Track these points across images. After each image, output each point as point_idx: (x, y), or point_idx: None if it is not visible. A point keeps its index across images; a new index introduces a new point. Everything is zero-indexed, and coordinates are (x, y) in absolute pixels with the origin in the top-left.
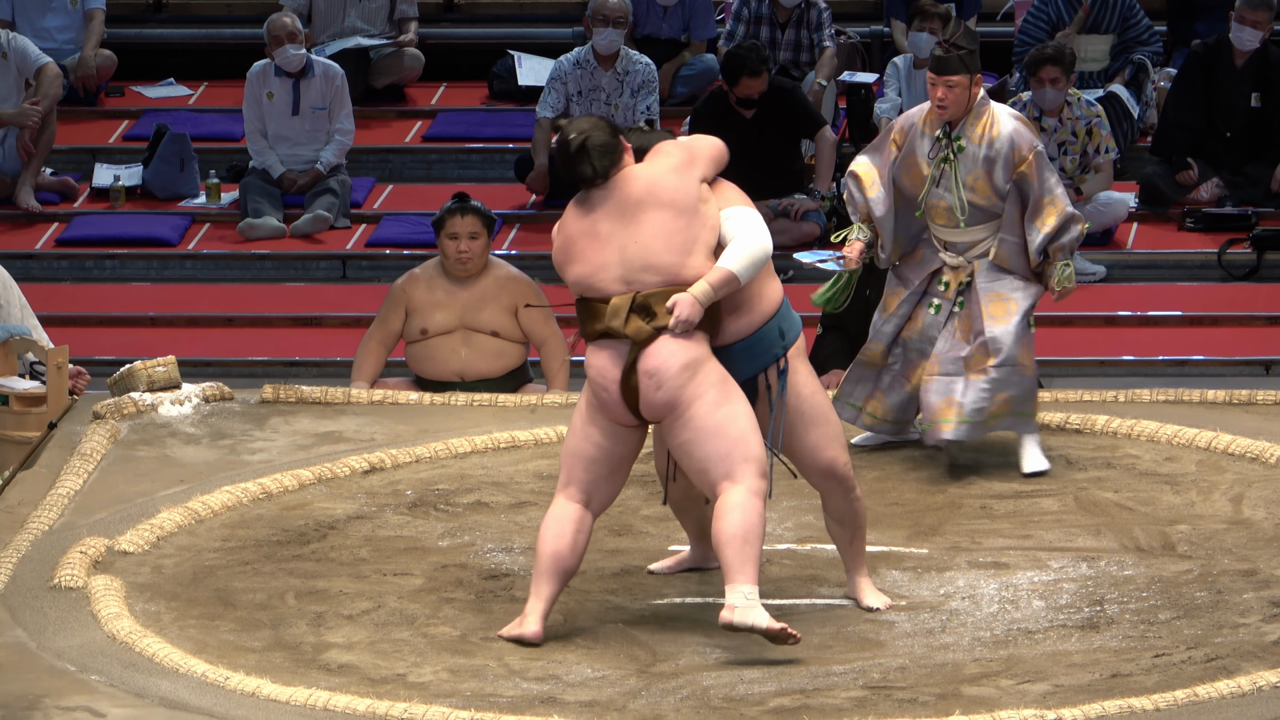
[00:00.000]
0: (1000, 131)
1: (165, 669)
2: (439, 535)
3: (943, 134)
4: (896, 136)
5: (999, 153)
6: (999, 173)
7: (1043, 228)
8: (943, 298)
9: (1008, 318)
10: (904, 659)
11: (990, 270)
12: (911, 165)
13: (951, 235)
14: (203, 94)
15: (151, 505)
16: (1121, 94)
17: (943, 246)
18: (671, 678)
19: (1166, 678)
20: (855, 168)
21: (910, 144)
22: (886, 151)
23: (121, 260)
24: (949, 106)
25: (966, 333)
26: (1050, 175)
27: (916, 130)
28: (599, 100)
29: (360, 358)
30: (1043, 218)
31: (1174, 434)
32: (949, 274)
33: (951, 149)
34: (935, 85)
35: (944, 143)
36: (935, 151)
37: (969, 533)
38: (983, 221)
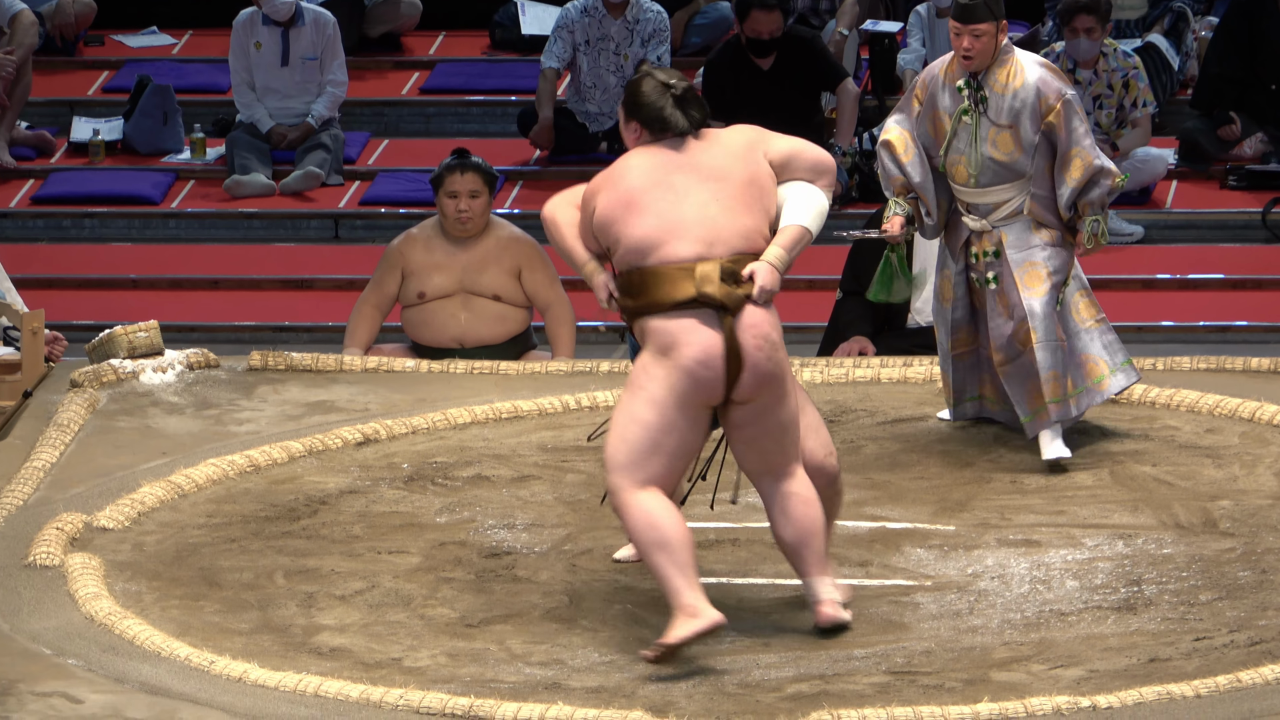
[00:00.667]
0: (1026, 80)
1: (146, 652)
2: (437, 511)
3: (965, 85)
4: (919, 91)
5: (1025, 102)
6: (1026, 124)
7: (1069, 181)
8: (978, 270)
9: (1041, 289)
10: (929, 642)
11: (1021, 234)
12: (935, 119)
13: (973, 196)
14: (187, 43)
15: (132, 479)
16: (1160, 44)
17: (965, 209)
18: (682, 663)
19: (1208, 662)
20: (887, 135)
21: (932, 97)
22: (913, 109)
23: (101, 219)
24: (975, 57)
25: (1006, 307)
26: (1079, 125)
27: (938, 82)
28: (607, 50)
29: (353, 323)
30: (1069, 170)
31: (1216, 404)
32: (975, 242)
33: (975, 101)
34: (960, 34)
35: (966, 94)
36: (957, 104)
37: (998, 508)
38: (1006, 180)
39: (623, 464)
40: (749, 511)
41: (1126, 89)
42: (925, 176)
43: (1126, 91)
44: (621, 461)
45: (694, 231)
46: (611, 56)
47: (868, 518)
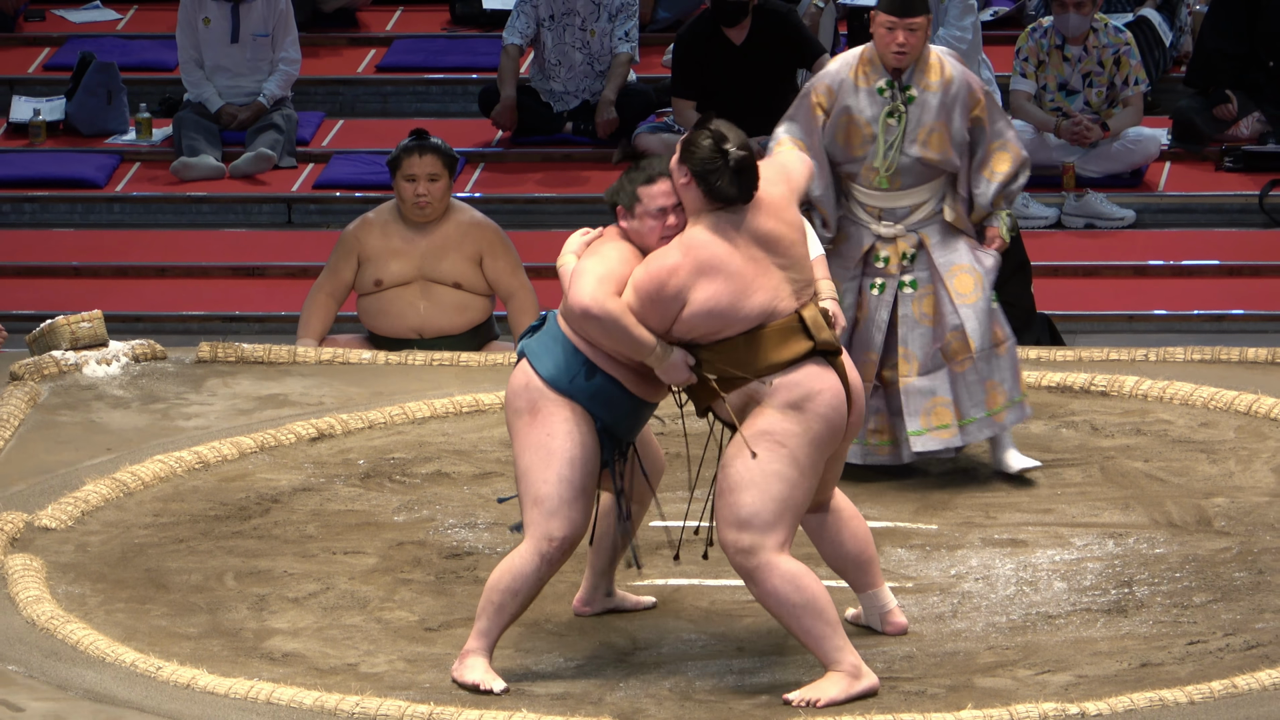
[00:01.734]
0: (953, 73)
1: (91, 658)
2: (394, 509)
3: (887, 86)
4: (821, 99)
5: (957, 96)
6: (957, 119)
7: (994, 176)
8: (885, 275)
9: (976, 293)
10: (911, 647)
11: (943, 238)
12: (848, 127)
13: (888, 200)
14: (132, 18)
15: (75, 476)
16: (1153, 18)
17: (877, 216)
18: (652, 668)
19: (1202, 667)
20: (784, 147)
21: (841, 103)
22: (812, 119)
23: (42, 204)
24: (909, 53)
25: (934, 317)
26: (1000, 118)
27: (847, 87)
28: (573, 25)
29: (307, 312)
30: (993, 165)
31: (1211, 397)
32: (886, 247)
33: (902, 101)
34: (895, 29)
35: (889, 96)
36: (879, 107)
37: (983, 506)
38: (928, 180)
39: (769, 523)
40: None
41: (1117, 66)
42: (826, 188)
43: (1117, 69)
44: (768, 520)
45: (786, 289)
46: (577, 32)
47: None
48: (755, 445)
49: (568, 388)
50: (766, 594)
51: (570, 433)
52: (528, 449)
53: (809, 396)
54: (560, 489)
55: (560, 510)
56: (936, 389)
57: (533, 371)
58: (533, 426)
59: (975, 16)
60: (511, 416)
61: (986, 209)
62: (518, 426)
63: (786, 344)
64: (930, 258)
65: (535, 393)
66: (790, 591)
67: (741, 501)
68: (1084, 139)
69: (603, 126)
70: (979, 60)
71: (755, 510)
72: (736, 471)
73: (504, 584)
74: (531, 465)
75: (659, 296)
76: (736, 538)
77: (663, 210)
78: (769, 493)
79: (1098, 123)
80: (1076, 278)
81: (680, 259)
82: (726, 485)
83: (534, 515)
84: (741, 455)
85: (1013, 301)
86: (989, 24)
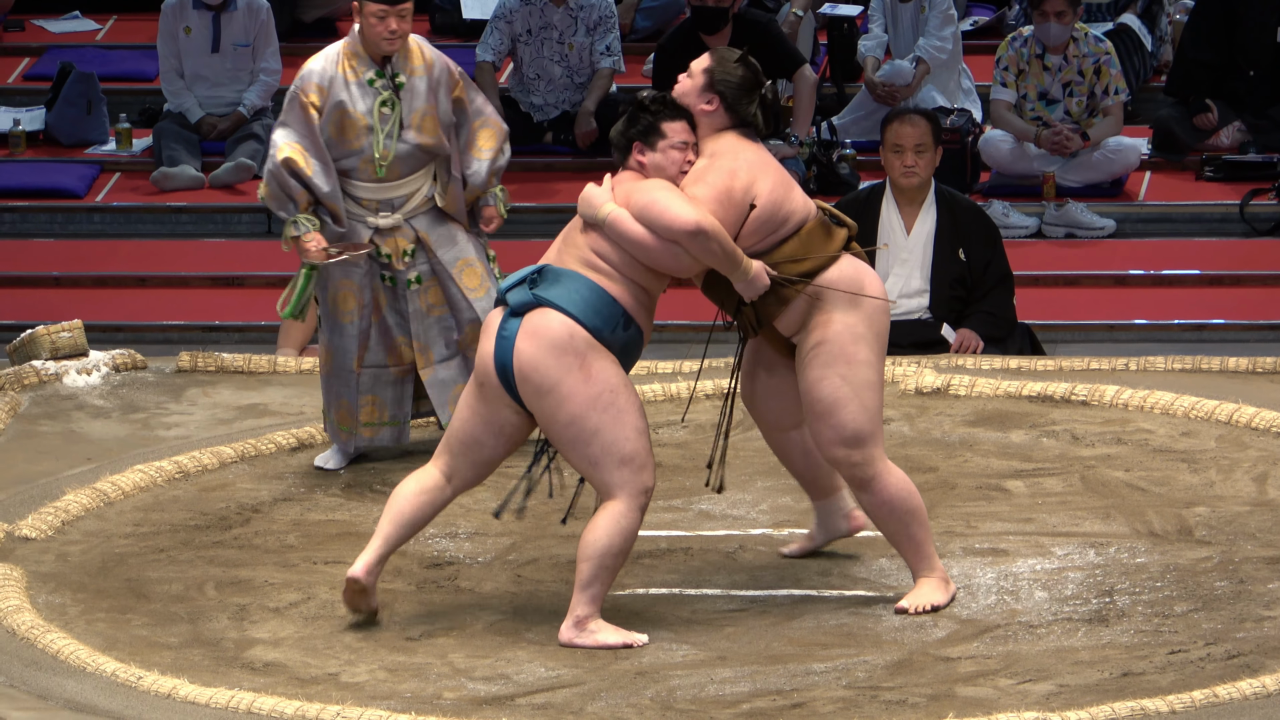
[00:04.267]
0: (432, 56)
1: (71, 667)
2: (375, 519)
3: (378, 75)
4: (313, 99)
5: (440, 79)
6: (443, 100)
7: (482, 154)
8: (391, 268)
9: (485, 284)
10: (892, 656)
11: (439, 226)
12: (342, 121)
13: (385, 191)
14: (112, 28)
15: (55, 486)
16: (1133, 24)
17: (375, 209)
18: (634, 677)
19: (1183, 676)
20: (287, 152)
21: (334, 99)
22: (307, 120)
23: (21, 214)
24: (400, 39)
25: (447, 307)
26: (479, 95)
27: (339, 83)
28: (550, 39)
29: (287, 322)
30: (479, 143)
31: (1191, 406)
32: (386, 242)
33: (394, 89)
34: (387, 17)
35: (380, 85)
36: (373, 98)
37: (964, 516)
38: (421, 167)
39: (872, 432)
40: (701, 520)
41: (1098, 75)
42: (334, 185)
43: (1098, 78)
44: (872, 430)
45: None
46: (555, 46)
47: None
48: (834, 362)
49: (609, 337)
50: (883, 502)
51: (627, 384)
52: (594, 409)
53: (862, 286)
54: (643, 442)
55: (648, 463)
56: (458, 378)
57: (574, 321)
58: (589, 383)
59: (955, 26)
60: (558, 370)
61: (481, 188)
62: (570, 382)
63: (830, 236)
64: (432, 254)
65: (583, 343)
66: (906, 497)
67: (844, 419)
68: (1064, 148)
69: (582, 137)
70: (959, 70)
71: (859, 424)
72: (828, 391)
73: (615, 546)
74: (604, 424)
75: (729, 200)
76: (848, 454)
77: (684, 144)
78: (865, 403)
79: (1078, 132)
80: (1057, 287)
81: (732, 162)
82: (822, 408)
83: (624, 474)
84: (826, 375)
85: (994, 311)
86: (969, 33)
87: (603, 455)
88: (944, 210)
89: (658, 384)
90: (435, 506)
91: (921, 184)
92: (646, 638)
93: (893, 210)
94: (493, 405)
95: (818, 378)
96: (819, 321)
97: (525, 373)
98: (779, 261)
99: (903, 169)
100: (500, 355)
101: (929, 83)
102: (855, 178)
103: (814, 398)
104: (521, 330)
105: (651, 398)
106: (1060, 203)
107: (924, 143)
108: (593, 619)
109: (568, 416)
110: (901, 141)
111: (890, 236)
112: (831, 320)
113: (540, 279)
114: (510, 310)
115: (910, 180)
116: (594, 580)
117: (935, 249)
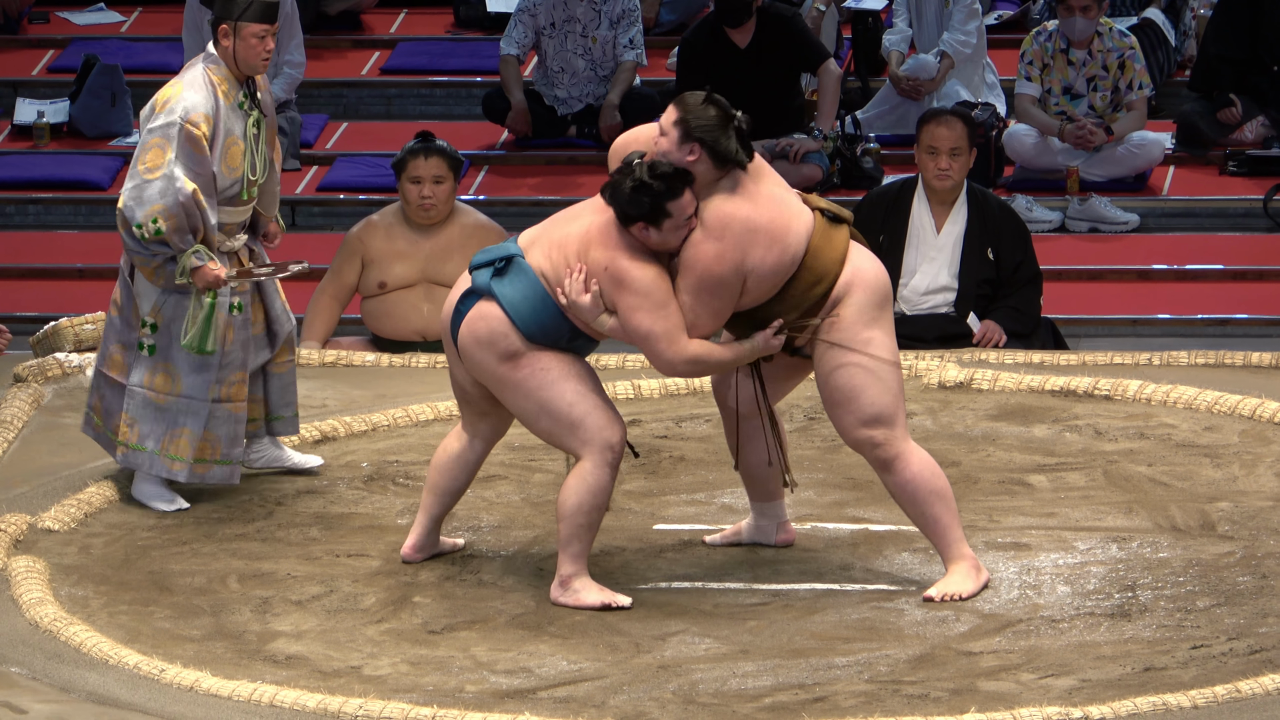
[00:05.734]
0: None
1: (94, 660)
2: (398, 512)
3: (245, 97)
4: (204, 130)
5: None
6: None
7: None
8: (239, 293)
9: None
10: (914, 650)
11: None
12: (230, 150)
13: (245, 214)
14: (136, 20)
15: (79, 478)
16: (1157, 19)
17: (233, 232)
18: (656, 671)
19: (1205, 671)
20: (190, 185)
21: (222, 127)
22: (200, 152)
23: (46, 205)
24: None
25: (270, 320)
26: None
27: (222, 109)
28: (574, 33)
29: (311, 314)
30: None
31: (1214, 401)
32: (234, 263)
33: (260, 109)
34: (265, 37)
35: (248, 105)
36: (245, 120)
37: (986, 510)
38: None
39: (894, 412)
40: (724, 514)
41: (1122, 70)
42: (217, 218)
43: (1122, 73)
44: (893, 410)
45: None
46: (578, 39)
47: (849, 520)
48: (850, 350)
49: (549, 345)
50: (906, 481)
51: (559, 357)
52: (527, 394)
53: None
54: (591, 402)
55: (604, 420)
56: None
57: (509, 322)
58: (517, 369)
59: (979, 21)
60: (488, 362)
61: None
62: (500, 371)
63: (831, 242)
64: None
65: (516, 344)
66: (930, 478)
67: (864, 402)
68: (1088, 143)
69: (607, 131)
70: (983, 64)
71: (880, 405)
72: (846, 379)
73: (586, 504)
74: (543, 402)
75: (719, 288)
76: (870, 434)
77: (690, 218)
78: (885, 384)
79: (1102, 127)
80: (1080, 282)
81: (718, 244)
82: (841, 395)
83: (582, 435)
84: (844, 363)
85: (1021, 308)
86: (993, 28)
87: (554, 427)
88: (975, 210)
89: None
90: (469, 467)
91: (954, 185)
92: (630, 600)
93: (924, 208)
94: (455, 364)
95: (835, 367)
96: (834, 322)
97: (464, 352)
98: (795, 293)
99: (936, 171)
100: (453, 327)
101: (953, 77)
102: (879, 172)
103: (833, 387)
104: (469, 314)
105: (675, 391)
106: (1084, 197)
107: (959, 146)
108: (576, 577)
109: (509, 399)
110: (936, 144)
111: (920, 234)
112: (842, 311)
113: (506, 269)
114: (469, 288)
115: (944, 183)
116: (571, 539)
117: (965, 248)
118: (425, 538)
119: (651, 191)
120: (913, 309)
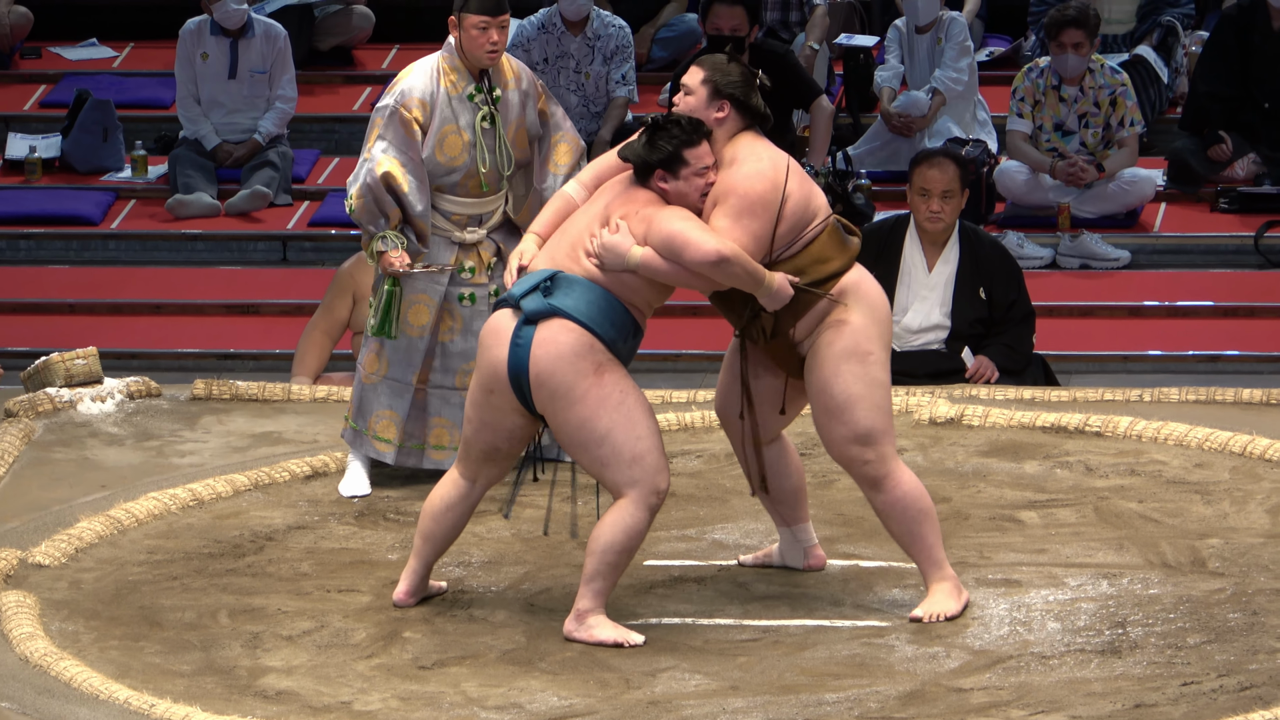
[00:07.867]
0: (519, 68)
1: (84, 695)
2: (388, 547)
3: (477, 90)
4: (416, 114)
5: (527, 92)
6: (530, 112)
7: (558, 169)
8: (473, 285)
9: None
10: (905, 686)
11: (514, 241)
12: (448, 139)
13: (480, 206)
14: (129, 55)
15: (69, 513)
16: (1149, 56)
17: (463, 224)
18: (646, 707)
19: (1196, 708)
20: (387, 166)
21: (439, 115)
22: (411, 136)
23: (38, 240)
24: (500, 51)
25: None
26: (558, 108)
27: (440, 99)
28: (567, 68)
29: (302, 350)
30: (556, 158)
31: (1205, 437)
32: (469, 257)
33: (492, 103)
34: (488, 28)
35: (480, 100)
36: (474, 113)
37: (976, 546)
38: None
39: (884, 430)
40: (715, 549)
41: (1114, 107)
42: (426, 204)
43: (1113, 110)
44: (884, 428)
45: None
46: (572, 75)
47: (840, 555)
48: (848, 360)
49: (621, 347)
50: (894, 501)
51: (638, 391)
52: (604, 409)
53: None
54: (654, 442)
55: (661, 464)
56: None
57: (589, 332)
58: (601, 385)
59: (971, 57)
60: (573, 375)
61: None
62: (584, 385)
63: (845, 243)
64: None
65: (599, 353)
66: (917, 498)
67: (857, 417)
68: (1079, 180)
69: None
70: (975, 101)
71: (872, 422)
72: (842, 388)
73: (619, 544)
74: (615, 424)
75: (758, 206)
76: (861, 452)
77: (706, 168)
78: (876, 402)
79: (1093, 163)
80: (1071, 318)
81: (756, 164)
82: (835, 405)
83: (635, 473)
84: (840, 373)
85: (1013, 345)
86: (985, 64)
87: (613, 456)
88: (967, 250)
89: (672, 413)
90: (465, 514)
91: (946, 227)
92: (643, 639)
93: (915, 248)
94: (500, 412)
95: (831, 375)
96: (831, 323)
97: (541, 379)
98: (806, 265)
99: (928, 213)
100: (514, 362)
101: (945, 113)
102: (870, 208)
103: (827, 395)
104: (537, 338)
105: (666, 427)
106: (1075, 234)
107: (951, 188)
108: (593, 613)
109: (579, 419)
110: (928, 186)
111: (912, 273)
112: (845, 321)
113: (553, 287)
114: (524, 317)
115: (935, 225)
116: (597, 575)
117: (956, 288)
118: (419, 584)
119: (669, 135)
120: (904, 346)
